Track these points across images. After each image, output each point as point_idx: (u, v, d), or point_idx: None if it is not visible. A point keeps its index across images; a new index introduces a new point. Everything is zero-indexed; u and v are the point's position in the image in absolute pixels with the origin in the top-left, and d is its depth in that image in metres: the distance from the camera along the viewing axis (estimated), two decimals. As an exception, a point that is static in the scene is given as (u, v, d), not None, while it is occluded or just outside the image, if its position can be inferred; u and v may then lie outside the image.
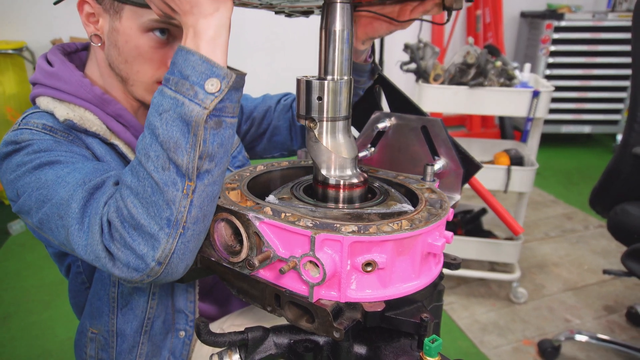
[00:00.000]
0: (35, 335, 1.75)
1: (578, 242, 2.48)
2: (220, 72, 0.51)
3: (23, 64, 2.87)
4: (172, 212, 0.53)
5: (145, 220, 0.53)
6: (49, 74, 0.72)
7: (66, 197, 0.59)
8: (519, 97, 1.73)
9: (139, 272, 0.55)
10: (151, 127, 0.53)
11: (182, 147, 0.51)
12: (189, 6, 0.51)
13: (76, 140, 0.70)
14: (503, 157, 1.91)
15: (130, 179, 0.55)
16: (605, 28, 3.56)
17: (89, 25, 0.72)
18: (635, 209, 1.32)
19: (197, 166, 0.52)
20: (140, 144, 0.55)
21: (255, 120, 1.01)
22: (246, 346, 0.58)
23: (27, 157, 0.64)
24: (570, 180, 3.33)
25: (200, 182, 0.53)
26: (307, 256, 0.52)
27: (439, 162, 0.77)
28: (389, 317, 0.55)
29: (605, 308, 1.94)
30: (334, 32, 0.56)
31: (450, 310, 1.92)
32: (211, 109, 0.51)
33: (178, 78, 0.52)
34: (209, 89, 0.51)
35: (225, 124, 0.53)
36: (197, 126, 0.51)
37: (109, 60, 0.73)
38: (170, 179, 0.52)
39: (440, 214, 0.59)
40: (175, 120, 0.51)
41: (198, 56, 0.51)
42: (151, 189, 0.53)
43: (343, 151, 0.63)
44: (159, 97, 0.53)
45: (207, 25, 0.52)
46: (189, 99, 0.51)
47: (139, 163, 0.54)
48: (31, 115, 0.70)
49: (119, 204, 0.55)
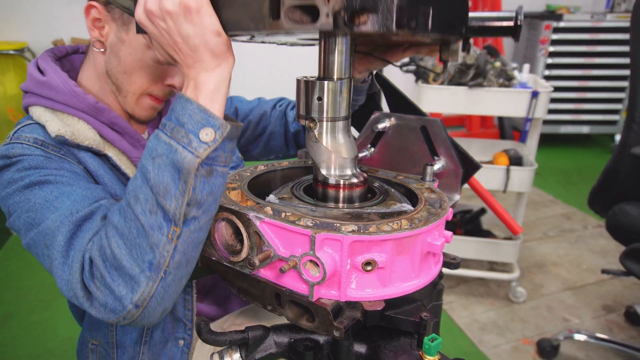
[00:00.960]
0: (37, 334, 1.75)
1: (577, 242, 2.48)
2: (216, 122, 0.53)
3: (24, 65, 2.88)
4: (155, 255, 0.53)
5: (127, 262, 0.53)
6: (41, 83, 0.71)
7: (53, 227, 0.58)
8: (518, 97, 1.73)
9: (116, 314, 0.55)
10: (143, 170, 0.54)
11: (171, 193, 0.52)
12: (192, 61, 0.53)
13: (68, 154, 0.69)
14: (502, 157, 1.92)
15: (117, 218, 0.55)
16: (604, 29, 3.57)
17: (94, 30, 0.71)
18: (634, 209, 1.33)
19: (185, 212, 0.53)
20: (131, 186, 0.55)
21: (250, 123, 1.01)
22: (247, 345, 0.58)
23: (18, 175, 0.63)
24: (569, 180, 3.34)
25: (187, 228, 0.54)
26: (307, 255, 0.53)
27: (439, 162, 0.78)
28: (389, 316, 0.56)
29: (603, 307, 1.94)
30: (335, 33, 0.56)
31: (450, 309, 1.93)
32: (203, 157, 0.52)
33: (174, 124, 0.53)
34: (204, 138, 0.52)
35: (216, 172, 0.54)
36: (188, 173, 0.52)
37: (107, 67, 0.73)
38: (157, 223, 0.53)
39: (440, 214, 0.60)
40: (167, 165, 0.52)
41: (196, 105, 0.52)
42: (137, 231, 0.54)
43: (343, 151, 0.64)
44: (154, 141, 0.54)
45: (208, 79, 0.53)
46: (182, 146, 0.52)
47: (128, 204, 0.55)
48: (23, 129, 0.69)
49: (103, 243, 0.55)
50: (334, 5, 0.44)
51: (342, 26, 0.45)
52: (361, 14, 0.46)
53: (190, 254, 0.56)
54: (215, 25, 0.51)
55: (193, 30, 0.51)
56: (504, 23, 0.60)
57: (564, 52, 3.63)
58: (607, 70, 3.68)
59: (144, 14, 0.53)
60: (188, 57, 0.53)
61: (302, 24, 0.46)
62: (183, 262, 0.56)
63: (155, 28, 0.53)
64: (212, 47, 0.52)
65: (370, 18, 0.46)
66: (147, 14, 0.53)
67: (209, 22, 0.51)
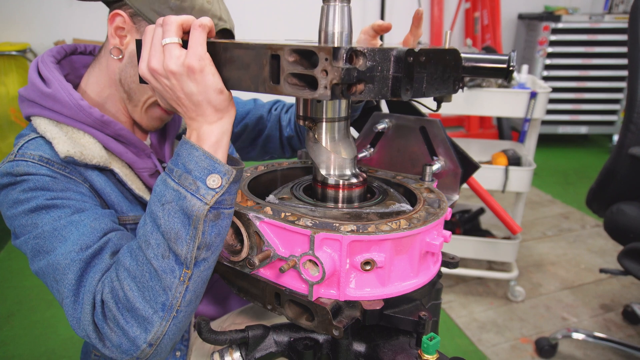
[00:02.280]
0: (38, 333, 1.75)
1: (575, 242, 2.49)
2: (222, 169, 0.54)
3: (27, 66, 2.88)
4: (168, 297, 0.55)
5: (141, 304, 0.54)
6: (45, 95, 0.68)
7: (63, 263, 0.58)
8: (517, 98, 1.74)
9: (129, 355, 0.56)
10: (153, 215, 0.55)
11: (182, 238, 0.53)
12: (194, 114, 0.54)
13: (74, 173, 0.67)
14: (501, 158, 1.92)
15: (129, 262, 0.56)
16: (602, 30, 3.58)
17: (115, 37, 0.70)
18: (631, 208, 1.33)
19: (196, 256, 0.54)
20: (141, 230, 0.56)
21: (247, 127, 1.02)
22: (247, 344, 0.59)
23: (23, 195, 0.62)
24: (567, 180, 3.35)
25: (197, 269, 0.55)
26: (306, 255, 0.53)
27: (438, 162, 0.78)
28: (388, 315, 0.56)
29: (601, 306, 1.95)
30: (333, 34, 0.57)
31: (449, 308, 1.93)
32: (212, 204, 0.53)
33: (182, 171, 0.54)
34: (211, 185, 0.53)
35: (223, 215, 0.55)
36: (197, 220, 0.53)
37: (122, 75, 0.72)
38: (169, 267, 0.54)
39: (439, 214, 0.60)
40: (177, 212, 0.53)
41: (202, 152, 0.54)
42: (149, 274, 0.54)
43: (342, 151, 0.64)
44: (161, 186, 0.55)
45: (210, 131, 0.54)
46: (191, 193, 0.53)
47: (139, 248, 0.56)
48: (27, 145, 0.67)
49: (115, 285, 0.56)
50: (332, 79, 0.45)
51: (339, 96, 0.46)
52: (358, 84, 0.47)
53: (200, 290, 0.58)
54: (218, 84, 0.53)
55: (196, 89, 0.52)
56: (497, 65, 0.62)
57: (562, 53, 3.64)
58: (605, 71, 3.69)
59: (148, 71, 0.54)
60: (191, 110, 0.54)
61: (301, 90, 0.48)
62: (193, 299, 0.57)
63: (159, 84, 0.54)
64: (215, 103, 0.53)
65: (366, 87, 0.48)
66: (151, 71, 0.54)
67: (211, 81, 0.52)
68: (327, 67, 0.45)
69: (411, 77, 0.48)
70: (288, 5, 3.46)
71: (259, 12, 3.40)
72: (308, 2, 3.37)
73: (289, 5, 3.46)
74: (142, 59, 0.55)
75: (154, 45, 0.53)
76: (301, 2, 3.42)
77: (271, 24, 3.49)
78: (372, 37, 0.77)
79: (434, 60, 0.52)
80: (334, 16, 0.56)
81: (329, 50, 0.44)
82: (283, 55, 0.47)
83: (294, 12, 3.46)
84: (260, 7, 3.40)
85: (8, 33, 3.05)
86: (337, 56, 0.44)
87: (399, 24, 3.90)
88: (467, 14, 3.89)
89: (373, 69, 0.47)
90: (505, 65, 0.61)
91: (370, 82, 0.47)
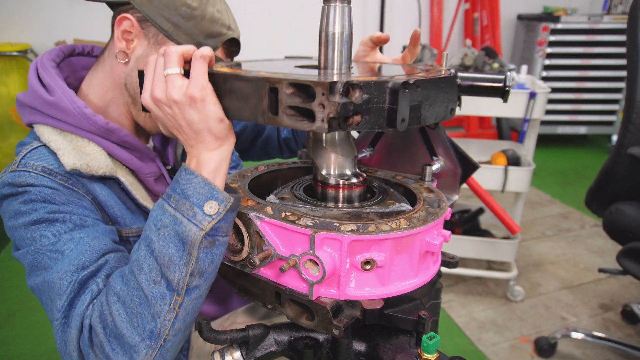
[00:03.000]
0: (39, 333, 1.75)
1: (574, 241, 2.50)
2: (219, 196, 0.54)
3: (27, 66, 2.87)
4: (156, 325, 0.54)
5: (128, 331, 0.54)
6: (48, 104, 0.67)
7: (58, 283, 0.58)
8: (516, 98, 1.74)
9: None
10: (148, 240, 0.55)
11: (175, 264, 0.53)
12: (194, 141, 0.55)
13: (76, 184, 0.67)
14: (500, 158, 1.93)
15: (120, 286, 0.55)
16: (601, 30, 3.59)
17: (122, 41, 0.69)
18: (630, 208, 1.34)
19: (187, 282, 0.54)
20: (135, 255, 0.56)
21: (247, 127, 1.02)
22: (247, 343, 0.59)
23: (24, 207, 0.62)
24: (567, 180, 3.35)
25: (188, 297, 0.55)
26: (307, 255, 0.53)
27: (437, 162, 0.78)
28: (388, 315, 0.56)
29: (600, 306, 1.96)
30: (333, 34, 0.57)
31: (448, 308, 1.93)
32: (207, 230, 0.53)
33: (179, 197, 0.54)
34: (208, 211, 0.54)
35: (218, 242, 0.56)
36: (192, 245, 0.53)
37: (127, 80, 0.71)
38: (160, 292, 0.54)
39: (438, 213, 0.60)
40: (172, 237, 0.54)
41: (200, 178, 0.54)
42: (139, 299, 0.54)
43: (342, 151, 0.64)
44: (158, 211, 0.55)
45: (209, 158, 0.55)
46: (187, 218, 0.53)
47: (131, 272, 0.55)
48: (30, 155, 0.66)
49: (104, 309, 0.55)
50: (329, 113, 0.46)
51: (336, 128, 0.47)
52: (354, 116, 0.48)
53: (189, 319, 0.57)
54: (219, 113, 0.53)
55: (197, 117, 0.53)
56: (493, 84, 0.62)
57: (561, 54, 3.65)
58: (604, 71, 3.69)
59: (151, 100, 0.55)
60: (191, 138, 0.55)
61: (299, 121, 0.49)
62: (182, 328, 0.57)
63: (161, 112, 0.55)
64: (215, 131, 0.54)
65: (363, 119, 0.49)
66: (154, 101, 0.55)
67: (212, 110, 0.53)
68: (324, 101, 0.46)
69: (407, 107, 0.50)
70: (289, 6, 3.46)
71: (259, 13, 3.40)
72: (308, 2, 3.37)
73: (290, 6, 3.46)
74: (145, 89, 0.56)
75: (156, 75, 0.55)
76: (301, 3, 3.42)
77: (272, 24, 3.49)
78: (371, 48, 0.77)
79: (430, 89, 0.53)
80: (335, 16, 0.57)
81: (325, 85, 0.45)
82: (281, 88, 0.48)
83: (294, 12, 3.46)
84: (261, 8, 3.40)
85: (9, 33, 3.05)
86: (334, 90, 0.45)
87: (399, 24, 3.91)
88: (467, 14, 3.90)
89: (369, 101, 0.48)
90: (502, 84, 0.62)
91: (366, 114, 0.49)
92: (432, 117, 0.55)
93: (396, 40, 2.28)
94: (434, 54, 1.97)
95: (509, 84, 0.61)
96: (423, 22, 3.80)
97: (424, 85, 0.51)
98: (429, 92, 0.53)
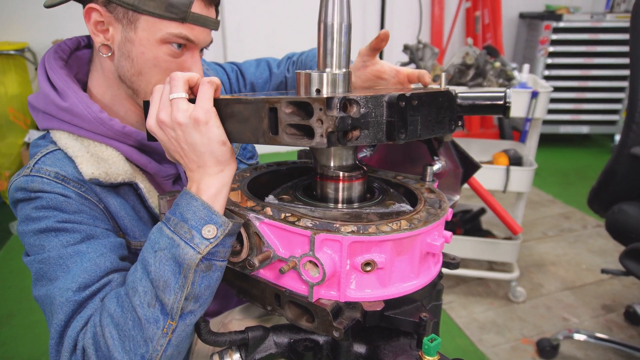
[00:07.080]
0: (38, 333, 1.75)
1: (576, 242, 2.48)
2: (218, 220, 0.54)
3: (25, 65, 2.87)
4: (148, 349, 0.54)
5: (120, 354, 0.54)
6: (62, 110, 0.66)
7: (59, 300, 0.58)
8: (518, 97, 1.74)
9: None
10: (144, 262, 0.55)
11: (170, 287, 0.53)
12: (195, 166, 0.55)
13: (89, 192, 0.66)
14: (502, 158, 1.92)
15: (114, 308, 0.55)
16: (604, 29, 3.57)
17: (98, 34, 0.67)
18: (633, 208, 1.33)
19: (182, 306, 0.54)
20: (131, 277, 0.56)
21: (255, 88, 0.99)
22: (246, 345, 0.59)
23: (35, 213, 0.62)
24: (568, 180, 3.34)
25: (182, 321, 0.55)
26: (306, 256, 0.53)
27: (438, 162, 0.78)
28: (388, 317, 0.56)
29: (603, 307, 1.95)
30: (332, 25, 0.57)
31: (449, 309, 1.93)
32: (204, 253, 0.53)
33: (178, 220, 0.55)
34: (206, 235, 0.54)
35: (215, 267, 0.55)
36: (188, 269, 0.53)
37: (120, 72, 0.68)
38: (154, 316, 0.54)
39: (439, 214, 0.60)
40: (169, 260, 0.53)
41: (200, 202, 0.54)
42: (132, 322, 0.54)
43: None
44: (157, 234, 0.56)
45: (210, 183, 0.55)
46: (185, 241, 0.53)
47: (126, 294, 0.55)
48: (44, 160, 0.66)
49: (97, 331, 0.55)
50: (327, 127, 0.47)
51: (335, 142, 0.48)
52: (353, 131, 0.49)
53: (182, 346, 0.57)
54: (221, 136, 0.54)
55: (200, 140, 0.54)
56: (494, 102, 0.63)
57: (564, 53, 3.63)
58: (606, 70, 3.67)
59: (156, 123, 0.56)
60: (192, 162, 0.55)
61: (299, 139, 0.50)
62: (175, 354, 0.56)
63: (165, 135, 0.56)
64: (217, 155, 0.55)
65: (362, 133, 0.50)
66: (159, 124, 0.55)
67: (215, 133, 0.54)
68: (322, 117, 0.47)
69: (405, 121, 0.51)
70: (289, 7, 3.46)
71: (259, 13, 3.40)
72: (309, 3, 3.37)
73: (290, 7, 3.46)
74: (150, 115, 0.57)
75: (162, 100, 0.55)
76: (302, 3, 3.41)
77: (272, 25, 3.49)
78: (371, 57, 0.75)
79: (427, 103, 0.54)
80: (334, 7, 0.56)
81: (322, 101, 0.47)
82: (280, 108, 0.50)
83: (295, 13, 3.46)
84: (262, 9, 3.40)
85: (6, 32, 3.05)
86: (331, 105, 0.47)
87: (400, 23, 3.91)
88: (468, 13, 3.88)
89: (367, 115, 0.49)
90: (502, 102, 0.62)
91: (365, 128, 0.50)
92: (432, 131, 0.56)
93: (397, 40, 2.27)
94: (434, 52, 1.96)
95: (509, 100, 0.61)
96: (424, 21, 3.79)
97: (420, 99, 0.52)
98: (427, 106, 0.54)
